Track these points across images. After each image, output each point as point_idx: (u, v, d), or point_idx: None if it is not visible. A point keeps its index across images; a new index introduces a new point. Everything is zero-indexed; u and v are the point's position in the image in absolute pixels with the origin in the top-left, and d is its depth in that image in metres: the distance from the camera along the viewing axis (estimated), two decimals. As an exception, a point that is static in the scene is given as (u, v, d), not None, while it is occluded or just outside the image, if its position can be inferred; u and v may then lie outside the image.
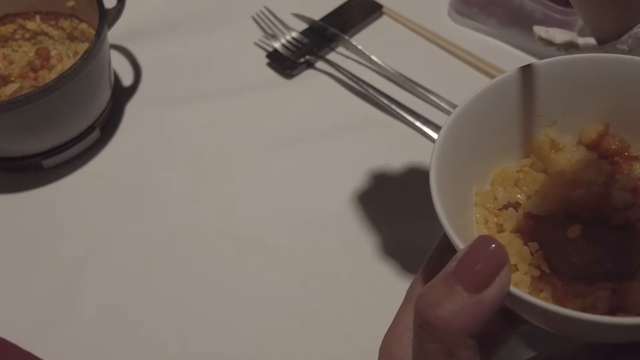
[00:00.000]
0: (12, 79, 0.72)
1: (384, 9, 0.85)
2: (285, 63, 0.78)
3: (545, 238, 0.32)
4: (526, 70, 0.35)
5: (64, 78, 0.62)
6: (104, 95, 0.71)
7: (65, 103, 0.64)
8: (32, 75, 0.72)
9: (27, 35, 0.77)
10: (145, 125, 0.74)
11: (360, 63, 0.79)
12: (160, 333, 0.58)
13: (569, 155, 0.35)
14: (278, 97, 0.77)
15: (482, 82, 0.36)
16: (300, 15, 0.83)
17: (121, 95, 0.77)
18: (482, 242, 0.27)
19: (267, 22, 0.82)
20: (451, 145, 0.33)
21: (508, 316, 0.32)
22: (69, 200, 0.68)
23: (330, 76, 0.78)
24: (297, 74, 0.79)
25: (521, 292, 0.27)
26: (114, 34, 0.72)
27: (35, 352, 0.57)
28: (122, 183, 0.69)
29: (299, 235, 0.64)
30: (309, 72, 0.79)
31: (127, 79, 0.79)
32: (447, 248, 0.32)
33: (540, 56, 0.80)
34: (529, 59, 0.80)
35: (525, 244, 0.33)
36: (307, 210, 0.66)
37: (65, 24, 0.76)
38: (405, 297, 0.34)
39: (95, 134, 0.71)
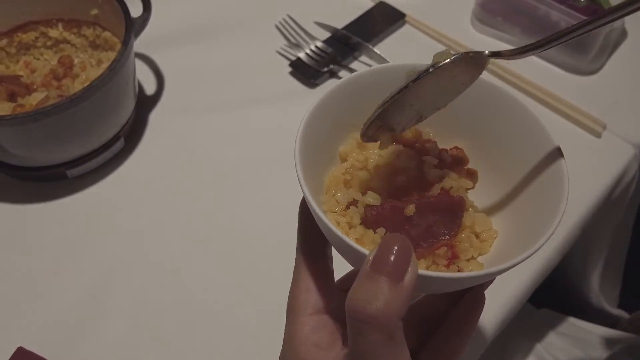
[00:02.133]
0: (35, 87, 0.71)
1: (407, 17, 0.85)
2: (308, 72, 0.78)
3: (387, 222, 0.39)
4: (338, 86, 0.41)
5: (92, 88, 0.61)
6: (129, 105, 0.70)
7: (92, 113, 0.63)
8: (55, 83, 0.72)
9: (49, 43, 0.76)
10: (169, 134, 0.74)
11: (383, 72, 0.79)
12: (190, 348, 0.58)
13: (376, 151, 0.42)
14: (302, 106, 0.75)
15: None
16: (323, 23, 0.82)
17: (145, 104, 0.76)
18: (389, 239, 0.31)
19: (290, 31, 0.82)
20: (306, 142, 0.39)
21: None
22: (93, 211, 0.67)
23: (354, 85, 0.78)
24: (321, 83, 0.78)
25: (427, 271, 0.32)
26: (137, 42, 0.71)
27: (64, 366, 0.56)
28: (147, 193, 0.69)
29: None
30: (332, 82, 0.79)
31: (150, 88, 0.78)
32: (306, 215, 0.39)
33: (566, 67, 0.80)
34: (552, 69, 0.80)
35: (375, 231, 0.39)
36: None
37: (88, 32, 0.75)
38: (297, 257, 0.40)
39: (120, 144, 0.70)
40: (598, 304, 0.91)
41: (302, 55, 0.79)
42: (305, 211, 0.40)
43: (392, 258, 0.30)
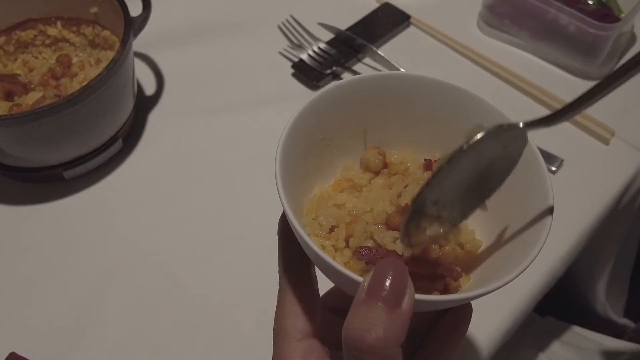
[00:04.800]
0: (33, 86, 0.70)
1: (412, 19, 0.83)
2: (311, 74, 0.77)
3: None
4: (310, 102, 0.40)
5: (90, 88, 0.60)
6: (128, 105, 0.69)
7: (89, 113, 0.62)
8: (53, 83, 0.70)
9: (47, 41, 0.75)
10: (168, 135, 0.72)
11: (387, 74, 0.77)
12: (187, 353, 0.56)
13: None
14: (304, 108, 0.74)
15: (512, 95, 0.37)
16: (327, 24, 0.81)
17: (144, 104, 0.75)
18: (384, 264, 0.30)
19: (293, 32, 0.81)
20: (286, 156, 0.38)
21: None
22: (90, 212, 0.66)
23: (357, 88, 0.76)
24: (323, 85, 0.77)
25: (424, 295, 0.31)
26: (136, 42, 0.70)
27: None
28: (144, 195, 0.67)
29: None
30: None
31: (149, 88, 0.77)
32: (287, 236, 0.38)
33: (574, 72, 0.78)
34: (560, 74, 0.78)
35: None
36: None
37: (87, 30, 0.74)
38: (280, 280, 0.39)
39: (118, 145, 0.69)
40: (604, 313, 0.89)
41: (304, 56, 0.78)
42: (284, 232, 0.39)
43: (387, 284, 0.30)
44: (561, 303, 0.86)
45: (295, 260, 0.38)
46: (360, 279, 0.31)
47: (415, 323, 0.40)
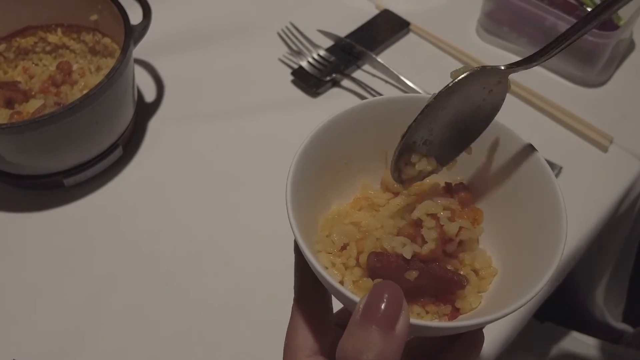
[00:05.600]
0: (33, 93, 0.70)
1: (411, 26, 0.84)
2: (310, 81, 0.77)
3: (385, 275, 0.37)
4: (328, 123, 0.40)
5: (90, 97, 0.60)
6: (128, 113, 0.69)
7: (89, 121, 0.62)
8: (53, 90, 0.70)
9: (48, 48, 0.75)
10: (168, 142, 0.73)
11: (386, 81, 0.78)
12: (186, 359, 0.57)
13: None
14: (303, 116, 0.75)
15: (511, 102, 0.37)
16: (326, 31, 0.81)
17: (144, 111, 0.75)
18: (380, 286, 0.30)
19: (292, 39, 0.81)
20: (299, 179, 0.38)
21: None
22: (90, 220, 0.66)
23: (357, 95, 0.77)
24: (323, 92, 0.77)
25: (417, 320, 0.32)
26: (136, 48, 0.70)
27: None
28: (144, 202, 0.68)
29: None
30: (334, 91, 0.77)
31: (149, 95, 0.77)
32: (303, 266, 0.38)
33: (573, 79, 0.78)
34: (559, 81, 0.79)
35: (372, 279, 0.38)
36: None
37: (88, 37, 0.74)
38: (294, 296, 0.39)
39: (118, 152, 0.69)
40: (602, 319, 0.89)
41: (304, 63, 0.78)
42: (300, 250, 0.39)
43: (382, 307, 0.30)
44: (560, 309, 0.86)
45: (310, 278, 0.38)
46: (357, 299, 0.31)
47: (421, 349, 0.40)
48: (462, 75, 0.36)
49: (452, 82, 0.37)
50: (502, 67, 0.38)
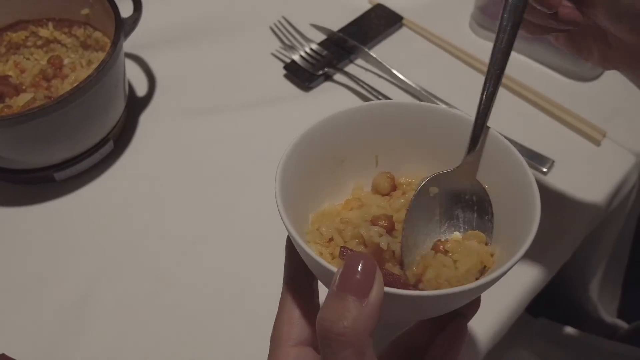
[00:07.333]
0: (24, 88, 0.70)
1: (404, 21, 0.83)
2: (303, 75, 0.77)
3: None
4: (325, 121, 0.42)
5: (80, 90, 0.60)
6: (119, 107, 0.69)
7: (79, 115, 0.62)
8: (44, 84, 0.70)
9: (39, 42, 0.75)
10: (160, 137, 0.72)
11: (379, 76, 0.78)
12: (177, 356, 0.56)
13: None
14: (295, 110, 0.75)
15: (504, 97, 0.39)
16: (319, 26, 0.81)
17: (135, 106, 0.75)
18: (353, 257, 0.32)
19: (285, 33, 0.80)
20: (289, 174, 0.40)
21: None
22: (80, 214, 0.66)
23: (349, 89, 0.76)
24: (315, 86, 0.77)
25: (391, 288, 0.33)
26: (127, 42, 0.70)
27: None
28: (135, 197, 0.67)
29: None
30: (327, 85, 0.77)
31: (141, 89, 0.77)
32: (293, 250, 0.40)
33: (566, 72, 0.78)
34: (552, 75, 0.78)
35: None
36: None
37: (79, 32, 0.74)
38: (282, 290, 0.40)
39: (109, 146, 0.69)
40: (596, 314, 0.89)
41: (296, 57, 0.78)
42: (291, 245, 0.41)
43: (357, 276, 0.31)
44: (554, 304, 0.86)
45: (298, 273, 0.40)
46: (334, 269, 0.33)
47: (411, 340, 0.42)
48: (421, 184, 0.41)
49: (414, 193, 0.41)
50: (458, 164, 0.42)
